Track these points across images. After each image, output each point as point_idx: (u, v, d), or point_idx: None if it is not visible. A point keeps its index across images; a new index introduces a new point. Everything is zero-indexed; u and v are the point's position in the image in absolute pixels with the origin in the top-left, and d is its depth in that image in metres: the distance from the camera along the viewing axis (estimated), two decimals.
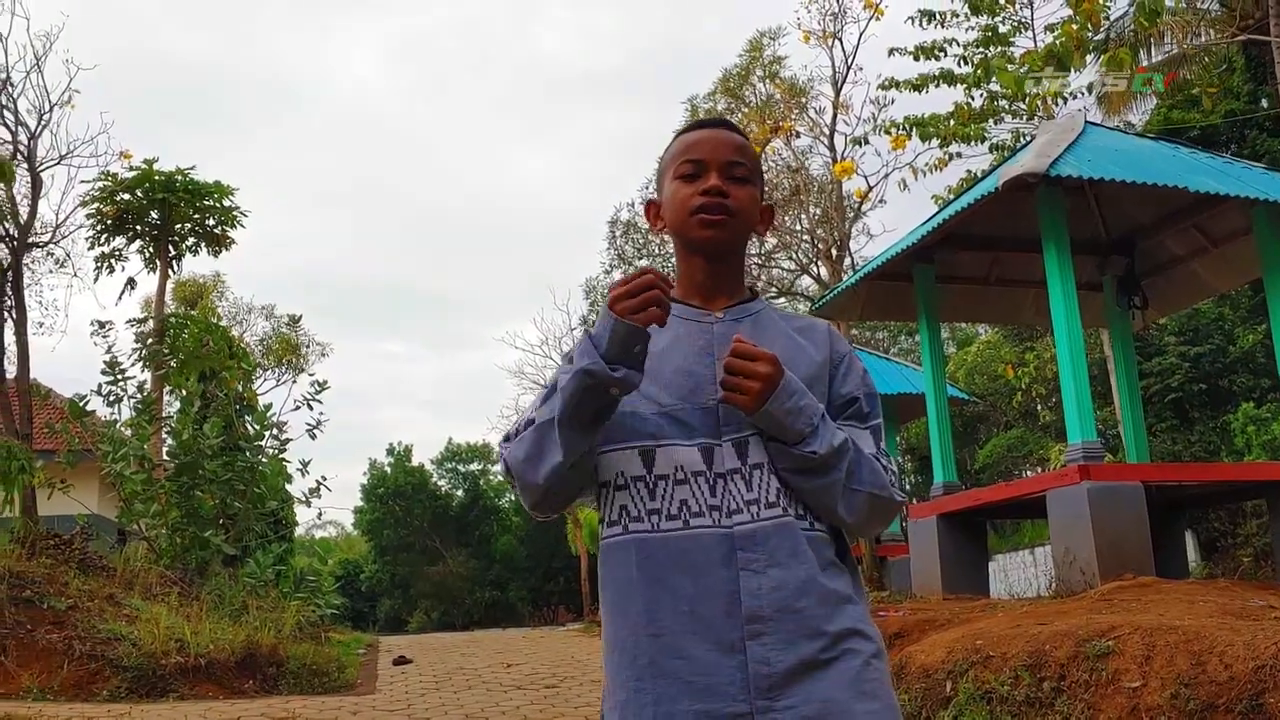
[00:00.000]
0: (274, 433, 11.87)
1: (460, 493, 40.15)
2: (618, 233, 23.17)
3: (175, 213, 16.01)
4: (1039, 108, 12.96)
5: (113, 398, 11.44)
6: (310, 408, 11.90)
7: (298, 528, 29.28)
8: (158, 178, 15.64)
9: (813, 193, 17.39)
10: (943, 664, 4.90)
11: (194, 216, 16.32)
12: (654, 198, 1.70)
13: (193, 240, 16.66)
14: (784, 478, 1.48)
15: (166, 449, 12.77)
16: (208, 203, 16.22)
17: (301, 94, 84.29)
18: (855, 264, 15.70)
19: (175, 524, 10.77)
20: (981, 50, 13.61)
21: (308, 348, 29.19)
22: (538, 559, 36.82)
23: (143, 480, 10.89)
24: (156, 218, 16.13)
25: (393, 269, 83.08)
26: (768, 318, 1.62)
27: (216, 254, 16.93)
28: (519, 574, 37.20)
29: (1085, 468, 6.98)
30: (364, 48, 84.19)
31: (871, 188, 15.78)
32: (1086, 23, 12.15)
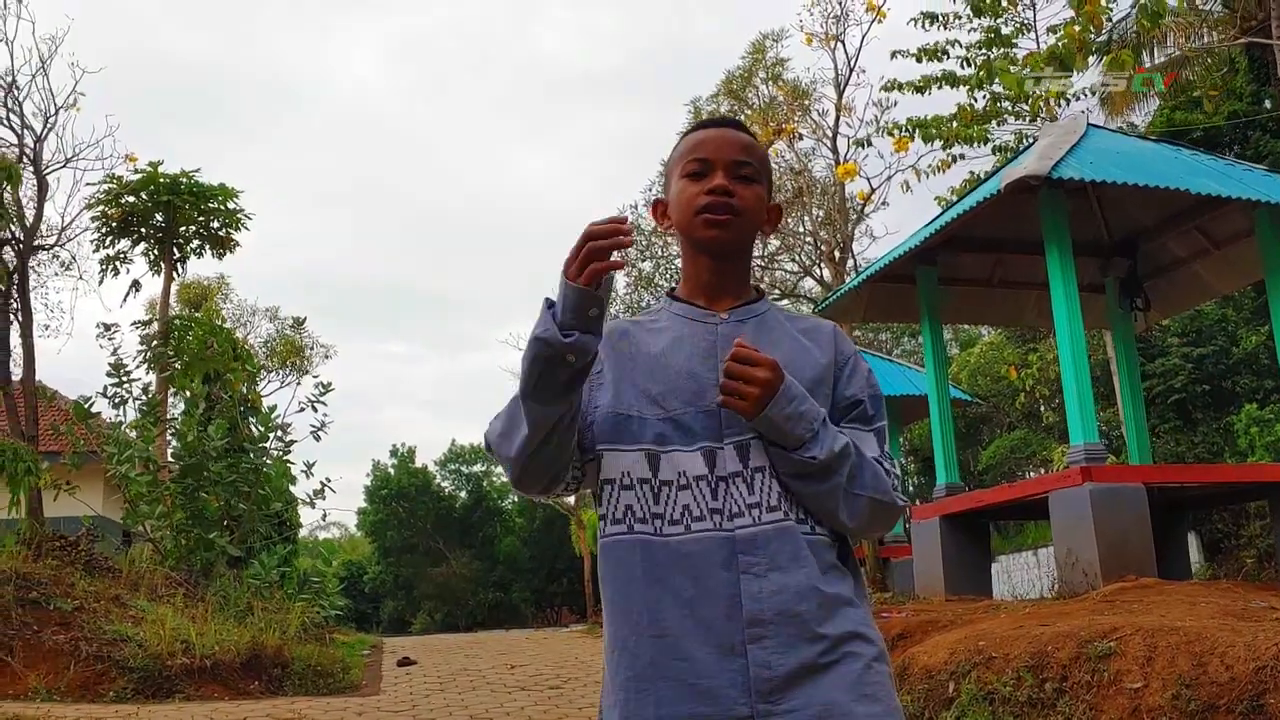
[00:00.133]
0: (278, 434, 11.91)
1: (464, 494, 40.21)
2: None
3: (180, 215, 16.07)
4: (1042, 109, 12.98)
5: (118, 400, 11.48)
6: (314, 410, 11.95)
7: (301, 529, 29.34)
8: (162, 180, 15.69)
9: (815, 195, 17.40)
10: (945, 665, 4.93)
11: (198, 219, 16.38)
12: (661, 196, 1.69)
13: (197, 243, 16.71)
14: (785, 482, 1.47)
15: (171, 451, 12.79)
16: (212, 205, 16.27)
17: (301, 94, 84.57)
18: (858, 266, 15.70)
19: (180, 525, 10.80)
20: (984, 52, 13.63)
21: (311, 350, 29.22)
22: (541, 560, 36.85)
23: (148, 482, 10.92)
24: (161, 220, 16.19)
25: (393, 269, 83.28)
26: (773, 318, 1.61)
27: (221, 256, 16.97)
28: (522, 575, 37.21)
29: (1087, 469, 7.00)
30: (364, 48, 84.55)
31: (874, 190, 15.80)
32: (1088, 24, 12.18)
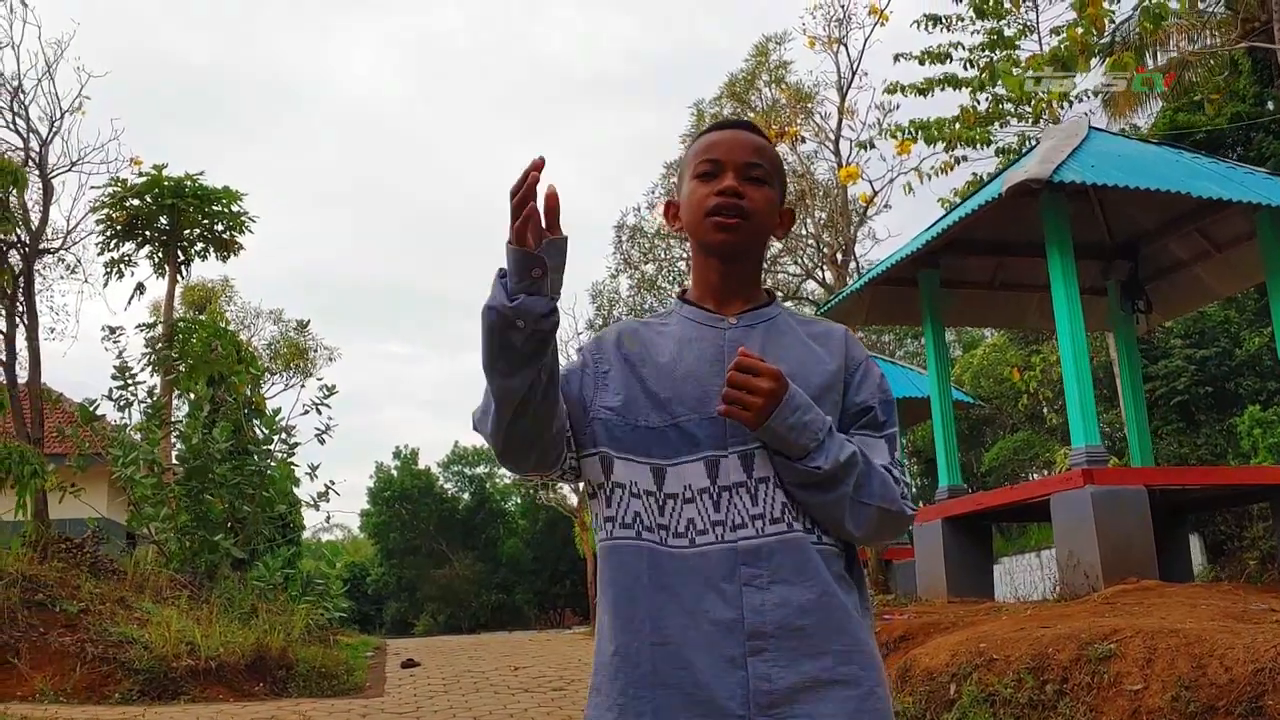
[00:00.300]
0: (282, 437, 11.95)
1: (466, 496, 40.26)
2: (624, 237, 23.23)
3: (184, 218, 16.14)
4: (1044, 111, 13.00)
5: (123, 402, 11.53)
6: (319, 412, 12.00)
7: (305, 531, 29.40)
8: (167, 183, 15.76)
9: (818, 197, 17.44)
10: (947, 667, 4.95)
11: (203, 222, 16.45)
12: (673, 197, 1.67)
13: (201, 245, 16.79)
14: (790, 491, 1.46)
15: (176, 453, 12.84)
16: (216, 208, 16.35)
17: (301, 94, 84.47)
18: (860, 268, 15.74)
19: (185, 528, 10.84)
20: (987, 54, 13.66)
21: (315, 352, 29.31)
22: (544, 562, 36.88)
23: (152, 484, 10.96)
24: (166, 223, 16.26)
25: (393, 269, 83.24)
26: (783, 323, 1.59)
27: (225, 259, 17.04)
28: (525, 577, 37.23)
29: (1089, 472, 7.01)
30: (364, 48, 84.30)
31: (876, 193, 15.84)
32: (1091, 27, 12.21)
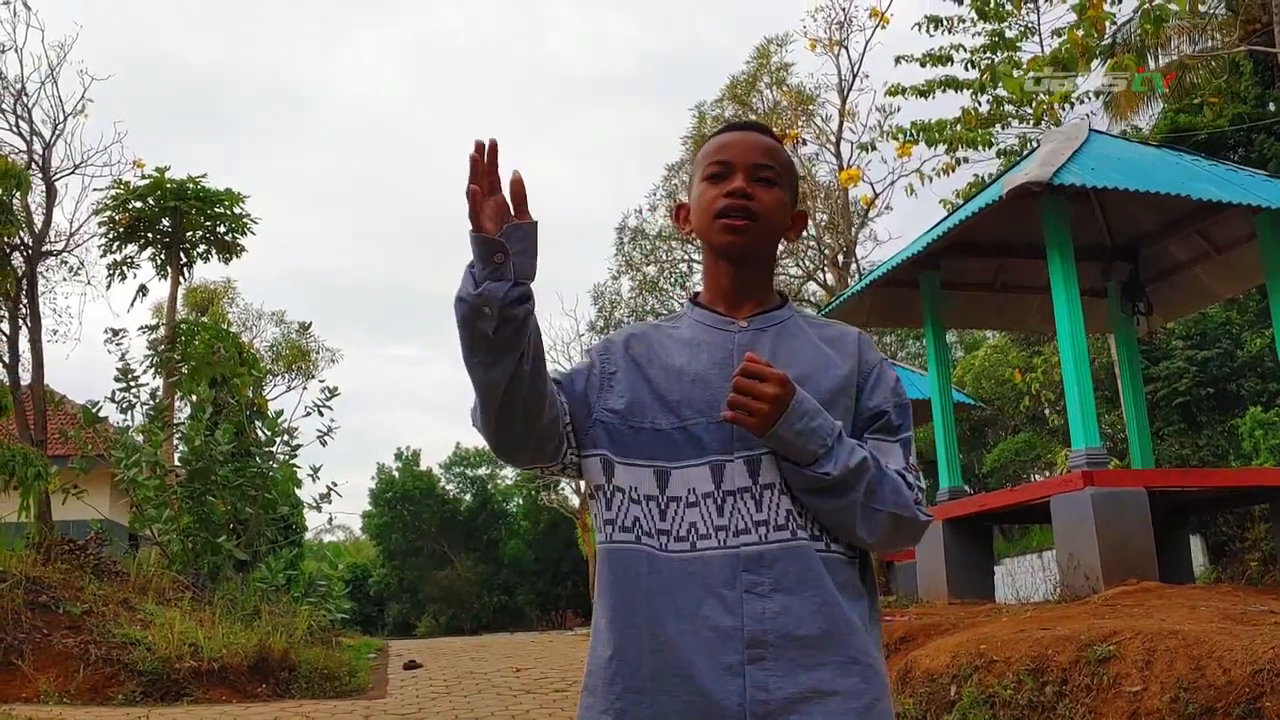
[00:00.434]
0: (285, 439, 11.98)
1: (468, 497, 40.31)
2: (625, 239, 23.27)
3: (187, 220, 16.19)
4: (1046, 113, 13.01)
5: (125, 404, 11.59)
6: (320, 414, 12.03)
7: (307, 532, 29.44)
8: (169, 186, 15.82)
9: (819, 200, 17.46)
10: (947, 668, 4.96)
11: (205, 224, 16.50)
12: (685, 200, 1.66)
13: (203, 247, 16.84)
14: (797, 498, 1.43)
15: (178, 455, 12.88)
16: (218, 210, 16.40)
17: (302, 94, 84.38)
18: (861, 270, 15.76)
19: (187, 529, 10.87)
20: (989, 56, 13.67)
21: (317, 354, 29.37)
22: (546, 563, 36.90)
23: (155, 486, 10.99)
24: (168, 225, 16.31)
25: (393, 269, 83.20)
26: (795, 326, 1.56)
27: (227, 261, 17.10)
28: (527, 578, 37.26)
29: (1089, 473, 7.02)
30: (362, 47, 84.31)
31: (878, 195, 15.86)
32: (1091, 29, 12.23)
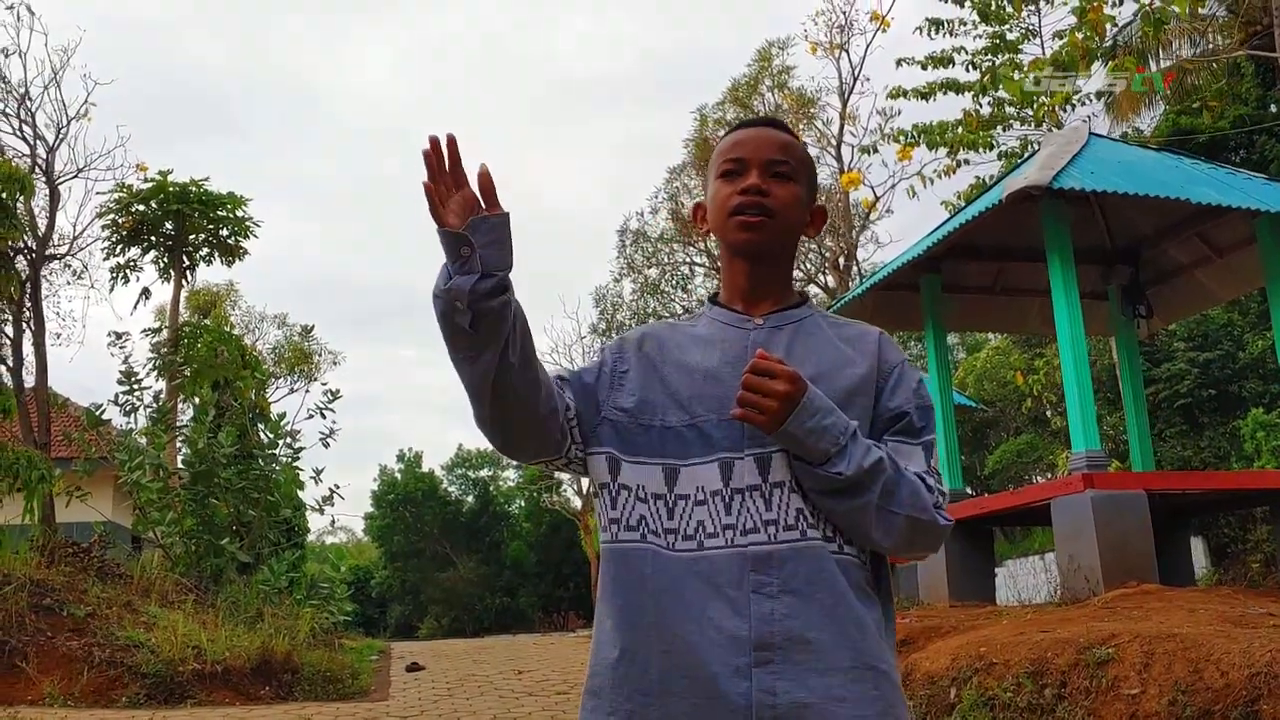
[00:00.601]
0: (287, 441, 12.01)
1: (470, 499, 40.32)
2: (627, 242, 23.31)
3: (189, 224, 16.22)
4: (1047, 115, 13.03)
5: (128, 407, 11.62)
6: (323, 417, 12.06)
7: (309, 534, 29.49)
8: (172, 189, 15.84)
9: (820, 202, 17.49)
10: (947, 671, 4.99)
11: (208, 227, 16.52)
12: (702, 200, 1.63)
13: (206, 251, 16.86)
14: (809, 498, 1.40)
15: (181, 457, 12.92)
16: (221, 213, 16.42)
17: (306, 96, 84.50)
18: (862, 273, 15.78)
19: (190, 532, 10.90)
20: (990, 58, 13.68)
21: (319, 356, 29.43)
22: (548, 565, 36.91)
23: (158, 489, 11.02)
24: (171, 229, 16.34)
25: (394, 269, 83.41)
26: (813, 324, 1.54)
27: (230, 264, 17.12)
28: (529, 580, 37.27)
29: (1089, 476, 7.04)
30: (362, 46, 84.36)
31: (879, 198, 15.89)
32: (1092, 32, 12.24)
